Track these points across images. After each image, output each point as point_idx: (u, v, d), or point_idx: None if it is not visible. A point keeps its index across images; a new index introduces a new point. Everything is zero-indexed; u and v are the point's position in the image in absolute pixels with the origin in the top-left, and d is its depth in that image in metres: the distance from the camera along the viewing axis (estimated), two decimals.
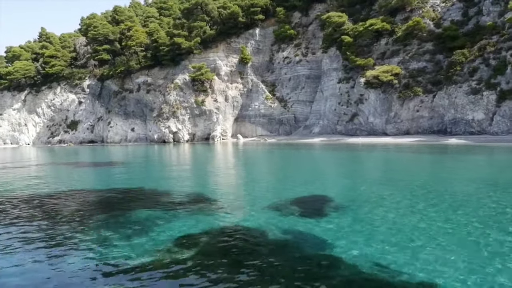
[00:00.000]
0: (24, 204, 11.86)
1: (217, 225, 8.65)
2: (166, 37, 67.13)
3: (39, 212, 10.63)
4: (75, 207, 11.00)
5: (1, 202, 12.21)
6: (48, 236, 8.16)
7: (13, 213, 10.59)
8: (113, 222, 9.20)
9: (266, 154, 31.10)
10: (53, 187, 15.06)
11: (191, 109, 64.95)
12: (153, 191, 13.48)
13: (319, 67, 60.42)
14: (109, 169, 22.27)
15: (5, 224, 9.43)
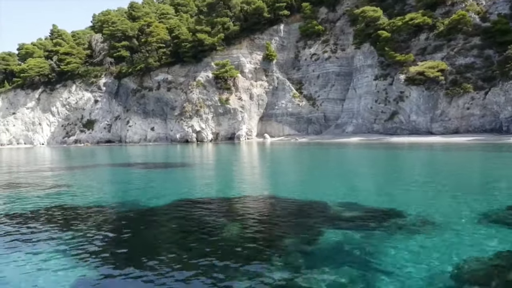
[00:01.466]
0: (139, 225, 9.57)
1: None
2: (188, 33, 64.85)
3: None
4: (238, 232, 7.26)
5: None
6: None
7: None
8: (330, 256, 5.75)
9: (315, 155, 28.81)
10: (195, 194, 12.76)
11: (214, 107, 62.70)
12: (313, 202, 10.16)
13: (350, 64, 58.27)
14: (200, 171, 19.56)
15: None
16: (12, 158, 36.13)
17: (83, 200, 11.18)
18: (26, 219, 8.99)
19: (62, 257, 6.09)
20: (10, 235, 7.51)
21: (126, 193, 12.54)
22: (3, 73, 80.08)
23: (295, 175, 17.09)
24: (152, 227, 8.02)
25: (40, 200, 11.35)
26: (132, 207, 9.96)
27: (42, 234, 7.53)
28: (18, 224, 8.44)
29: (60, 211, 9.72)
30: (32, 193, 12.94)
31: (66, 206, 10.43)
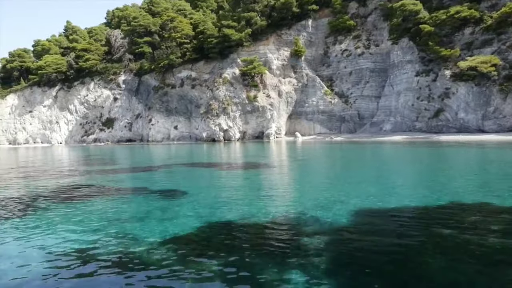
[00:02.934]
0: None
1: None
2: (214, 28, 62.77)
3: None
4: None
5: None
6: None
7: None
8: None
9: (376, 154, 26.74)
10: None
11: (242, 105, 60.64)
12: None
13: (385, 60, 56.29)
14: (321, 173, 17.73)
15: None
16: (38, 158, 34.01)
17: (240, 212, 9.14)
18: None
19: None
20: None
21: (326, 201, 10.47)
22: (19, 70, 77.95)
23: (414, 176, 15.01)
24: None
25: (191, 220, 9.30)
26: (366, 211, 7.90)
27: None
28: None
29: (227, 229, 7.68)
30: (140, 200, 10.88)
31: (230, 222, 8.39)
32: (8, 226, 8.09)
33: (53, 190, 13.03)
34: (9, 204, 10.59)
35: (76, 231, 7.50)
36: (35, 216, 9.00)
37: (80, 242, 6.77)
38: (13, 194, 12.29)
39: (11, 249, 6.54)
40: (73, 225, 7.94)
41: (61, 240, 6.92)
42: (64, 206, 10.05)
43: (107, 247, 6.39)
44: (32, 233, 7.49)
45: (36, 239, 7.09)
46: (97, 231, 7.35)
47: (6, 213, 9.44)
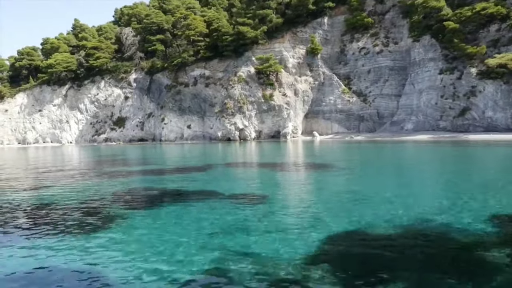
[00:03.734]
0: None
1: None
2: (229, 26, 61.70)
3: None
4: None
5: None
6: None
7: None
8: None
9: (413, 154, 25.77)
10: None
11: (258, 104, 59.60)
12: None
13: (404, 58, 55.32)
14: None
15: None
16: (63, 158, 32.95)
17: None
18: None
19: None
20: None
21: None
22: (27, 69, 76.80)
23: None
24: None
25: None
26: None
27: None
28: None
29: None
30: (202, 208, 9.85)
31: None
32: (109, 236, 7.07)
33: (124, 196, 12.00)
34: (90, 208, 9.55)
35: (191, 245, 6.46)
36: (124, 227, 7.97)
37: (206, 262, 5.68)
38: (82, 197, 11.25)
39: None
40: (185, 237, 6.90)
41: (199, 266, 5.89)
42: (150, 213, 9.02)
43: (250, 274, 5.29)
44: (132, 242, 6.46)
45: (138, 258, 6.06)
46: (218, 248, 6.26)
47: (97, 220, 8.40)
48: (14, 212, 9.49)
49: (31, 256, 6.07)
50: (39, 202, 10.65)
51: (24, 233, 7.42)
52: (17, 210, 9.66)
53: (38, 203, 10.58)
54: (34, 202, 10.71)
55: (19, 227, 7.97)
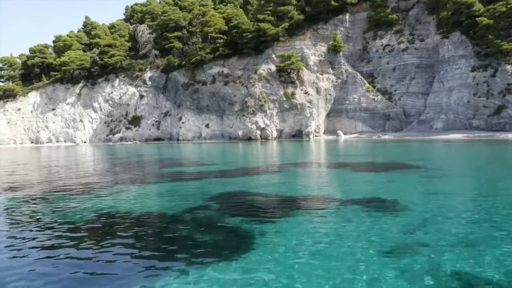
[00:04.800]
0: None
1: None
2: (250, 22, 60.34)
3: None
4: None
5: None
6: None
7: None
8: None
9: (477, 154, 24.48)
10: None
11: (279, 102, 58.30)
12: None
13: (431, 55, 54.07)
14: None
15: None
16: (98, 158, 31.56)
17: None
18: None
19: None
20: None
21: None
22: (40, 67, 75.34)
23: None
24: None
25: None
26: None
27: None
28: None
29: None
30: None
31: None
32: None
33: (230, 204, 10.69)
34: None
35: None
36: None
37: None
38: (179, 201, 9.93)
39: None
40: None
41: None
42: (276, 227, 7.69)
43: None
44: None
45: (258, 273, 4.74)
46: (409, 268, 4.97)
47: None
48: (120, 228, 8.18)
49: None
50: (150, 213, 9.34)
51: (153, 261, 5.99)
52: (135, 227, 8.34)
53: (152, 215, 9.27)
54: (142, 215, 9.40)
55: (150, 248, 6.66)
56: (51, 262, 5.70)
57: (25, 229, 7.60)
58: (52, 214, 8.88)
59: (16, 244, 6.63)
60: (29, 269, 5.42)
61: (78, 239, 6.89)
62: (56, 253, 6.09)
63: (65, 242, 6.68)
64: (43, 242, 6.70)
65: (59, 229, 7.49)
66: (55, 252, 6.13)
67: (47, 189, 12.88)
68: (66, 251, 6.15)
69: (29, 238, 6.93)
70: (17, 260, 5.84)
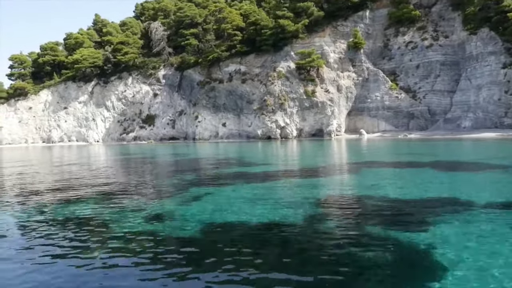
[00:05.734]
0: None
1: None
2: (269, 19, 59.02)
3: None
4: None
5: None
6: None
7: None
8: None
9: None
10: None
11: (299, 100, 56.98)
12: None
13: (457, 52, 52.81)
14: None
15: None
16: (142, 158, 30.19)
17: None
18: None
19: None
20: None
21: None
22: (51, 65, 74.00)
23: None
24: None
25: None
26: None
27: None
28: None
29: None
30: None
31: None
32: None
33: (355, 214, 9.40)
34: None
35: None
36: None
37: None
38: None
39: None
40: None
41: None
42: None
43: None
44: None
45: None
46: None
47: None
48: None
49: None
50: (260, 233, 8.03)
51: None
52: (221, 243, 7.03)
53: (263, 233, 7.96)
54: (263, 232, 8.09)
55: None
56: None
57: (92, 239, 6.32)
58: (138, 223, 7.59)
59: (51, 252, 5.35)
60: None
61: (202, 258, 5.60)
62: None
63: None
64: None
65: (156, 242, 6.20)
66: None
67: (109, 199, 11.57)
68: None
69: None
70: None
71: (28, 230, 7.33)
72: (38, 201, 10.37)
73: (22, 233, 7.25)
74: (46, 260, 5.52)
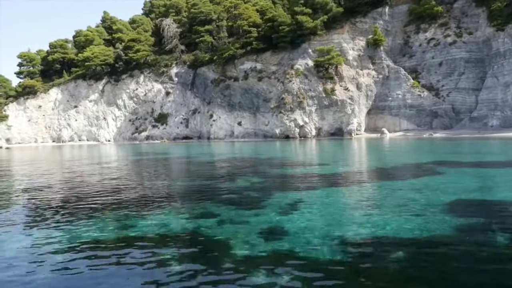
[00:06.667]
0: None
1: None
2: (287, 15, 57.61)
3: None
4: None
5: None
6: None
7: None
8: None
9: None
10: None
11: (318, 99, 55.58)
12: None
13: (481, 49, 51.44)
14: None
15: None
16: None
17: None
18: None
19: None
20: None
21: None
22: (60, 63, 72.54)
23: None
24: None
25: None
26: None
27: None
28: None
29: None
30: None
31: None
32: None
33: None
34: None
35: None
36: None
37: None
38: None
39: None
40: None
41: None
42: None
43: None
44: None
45: None
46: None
47: None
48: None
49: None
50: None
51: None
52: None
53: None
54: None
55: None
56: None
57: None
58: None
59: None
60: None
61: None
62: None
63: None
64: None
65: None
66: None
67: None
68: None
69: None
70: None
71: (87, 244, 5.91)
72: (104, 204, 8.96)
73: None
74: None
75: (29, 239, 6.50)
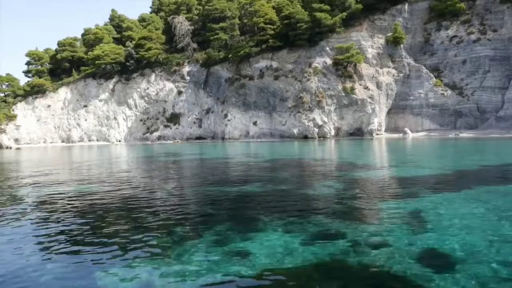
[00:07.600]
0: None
1: None
2: (304, 12, 56.09)
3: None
4: None
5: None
6: None
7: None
8: None
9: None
10: None
11: (337, 98, 54.10)
12: None
13: (507, 47, 50.16)
14: None
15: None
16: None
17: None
18: None
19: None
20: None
21: None
22: (69, 61, 70.95)
23: None
24: None
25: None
26: None
27: None
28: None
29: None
30: None
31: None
32: None
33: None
34: None
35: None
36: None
37: None
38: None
39: None
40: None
41: None
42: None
43: None
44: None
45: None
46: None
47: None
48: None
49: None
50: None
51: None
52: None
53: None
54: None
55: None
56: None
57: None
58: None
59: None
60: None
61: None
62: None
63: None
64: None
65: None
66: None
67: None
68: None
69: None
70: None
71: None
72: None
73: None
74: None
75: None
